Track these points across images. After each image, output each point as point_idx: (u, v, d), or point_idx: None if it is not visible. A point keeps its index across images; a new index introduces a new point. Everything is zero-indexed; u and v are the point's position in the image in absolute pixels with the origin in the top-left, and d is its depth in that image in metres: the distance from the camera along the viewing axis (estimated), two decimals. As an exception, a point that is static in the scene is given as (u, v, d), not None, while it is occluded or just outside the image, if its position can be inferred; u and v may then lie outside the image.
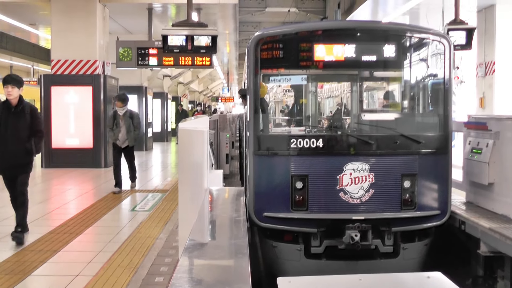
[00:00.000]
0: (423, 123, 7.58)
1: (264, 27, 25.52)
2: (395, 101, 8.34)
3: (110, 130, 10.71)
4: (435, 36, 7.09)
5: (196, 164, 4.47)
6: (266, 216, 6.66)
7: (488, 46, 14.14)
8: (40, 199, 10.03)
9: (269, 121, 7.78)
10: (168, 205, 9.08)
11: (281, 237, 6.82)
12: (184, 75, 28.41)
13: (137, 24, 17.60)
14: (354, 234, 6.46)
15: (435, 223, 6.95)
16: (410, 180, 6.77)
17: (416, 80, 7.57)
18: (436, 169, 6.93)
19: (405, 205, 6.78)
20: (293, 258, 6.77)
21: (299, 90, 8.39)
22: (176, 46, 10.81)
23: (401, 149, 6.77)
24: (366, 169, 6.62)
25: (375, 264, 6.79)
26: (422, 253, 7.00)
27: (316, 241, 6.74)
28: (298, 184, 6.65)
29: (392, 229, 6.77)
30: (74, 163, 14.21)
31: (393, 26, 8.53)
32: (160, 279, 5.14)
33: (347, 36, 6.95)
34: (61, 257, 6.06)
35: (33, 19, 17.25)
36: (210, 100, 56.02)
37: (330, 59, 6.81)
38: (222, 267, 2.31)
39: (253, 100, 6.78)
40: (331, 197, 6.63)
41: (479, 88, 14.69)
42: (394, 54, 6.95)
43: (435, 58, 7.16)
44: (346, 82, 8.77)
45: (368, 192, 6.62)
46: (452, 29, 11.68)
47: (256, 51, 6.68)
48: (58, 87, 14.38)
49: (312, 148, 6.67)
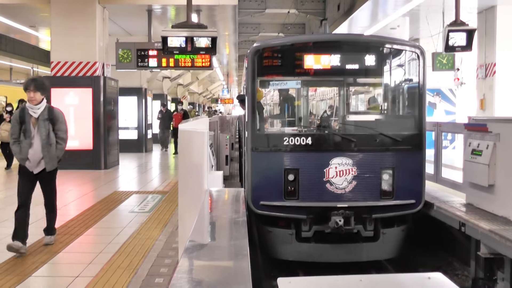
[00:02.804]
0: (400, 123, 8.44)
1: (263, 28, 25.57)
2: (376, 104, 9.28)
3: (15, 142, 6.67)
4: (410, 47, 8.21)
5: (196, 165, 4.47)
6: (262, 204, 7.62)
7: (488, 47, 14.15)
8: (40, 200, 10.01)
9: (265, 122, 8.66)
10: (168, 207, 9.08)
11: (275, 223, 7.79)
12: (184, 76, 28.44)
13: (136, 26, 17.62)
14: (338, 219, 7.34)
15: (411, 210, 7.86)
16: (388, 173, 7.73)
17: (394, 86, 8.57)
18: (411, 164, 7.86)
19: (384, 195, 7.71)
20: (286, 241, 7.72)
21: (292, 94, 9.40)
22: (176, 48, 10.80)
23: (380, 146, 7.74)
24: (349, 163, 7.59)
25: (358, 247, 7.75)
26: (399, 237, 7.95)
27: (306, 226, 7.66)
28: (290, 176, 7.61)
29: (373, 216, 7.69)
30: (74, 164, 14.18)
31: (373, 38, 10.07)
32: (160, 280, 5.14)
33: (333, 47, 7.97)
34: (61, 258, 6.06)
35: (33, 21, 17.26)
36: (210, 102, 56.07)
37: (318, 67, 7.85)
38: (222, 268, 2.31)
39: (251, 103, 7.75)
40: (319, 188, 7.57)
41: (480, 90, 14.70)
42: (374, 63, 7.98)
43: (410, 66, 8.19)
44: (332, 87, 9.68)
45: (351, 183, 7.58)
46: (453, 30, 11.68)
47: (253, 61, 7.71)
48: (58, 89, 14.36)
49: (302, 145, 7.66)
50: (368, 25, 16.73)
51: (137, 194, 10.63)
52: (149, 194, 10.54)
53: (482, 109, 14.34)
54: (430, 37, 16.74)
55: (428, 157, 8.76)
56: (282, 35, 26.24)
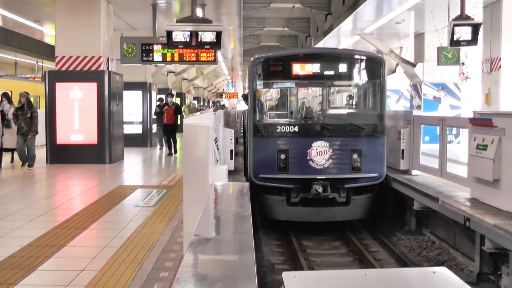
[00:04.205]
0: (366, 115, 11.06)
1: (268, 23, 25.53)
2: (348, 101, 12.48)
3: None
4: (373, 57, 10.98)
5: (201, 159, 4.47)
6: (261, 177, 10.15)
7: (494, 42, 14.07)
8: (46, 194, 10.07)
9: (263, 114, 11.31)
10: (173, 201, 9.10)
11: (271, 192, 10.22)
12: (189, 71, 28.40)
13: (141, 20, 17.61)
14: (318, 188, 9.81)
15: (374, 182, 10.34)
16: (357, 153, 10.11)
17: (362, 87, 11.43)
18: (374, 146, 10.34)
19: (354, 170, 10.13)
20: (279, 205, 10.17)
21: (284, 93, 12.37)
22: (181, 42, 10.79)
23: (351, 133, 10.17)
24: (327, 145, 10.00)
25: (334, 210, 10.14)
26: (366, 203, 10.37)
27: (294, 194, 10.08)
28: (282, 156, 10.04)
29: (345, 185, 10.12)
30: (78, 159, 14.24)
31: (345, 51, 14.17)
32: (165, 274, 5.15)
33: (314, 58, 10.59)
34: (66, 252, 6.08)
35: (38, 15, 17.27)
36: (215, 96, 56.05)
37: (303, 73, 10.46)
38: (227, 262, 2.31)
39: (252, 100, 10.43)
40: (303, 164, 9.99)
41: (485, 84, 14.62)
42: (346, 70, 10.69)
43: (374, 72, 10.76)
44: (314, 88, 12.80)
45: (328, 161, 10.01)
46: (458, 25, 11.63)
47: (254, 68, 10.43)
48: (62, 84, 14.40)
49: (291, 132, 10.16)
50: (373, 19, 16.65)
51: (141, 188, 10.65)
52: (154, 188, 10.56)
53: (487, 103, 14.27)
54: (435, 31, 16.66)
55: (433, 152, 9.50)
56: (287, 29, 26.22)
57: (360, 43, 21.33)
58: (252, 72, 10.40)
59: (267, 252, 9.37)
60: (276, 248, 9.79)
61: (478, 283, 7.44)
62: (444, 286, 1.93)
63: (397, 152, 10.79)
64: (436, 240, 9.57)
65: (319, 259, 9.08)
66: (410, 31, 18.98)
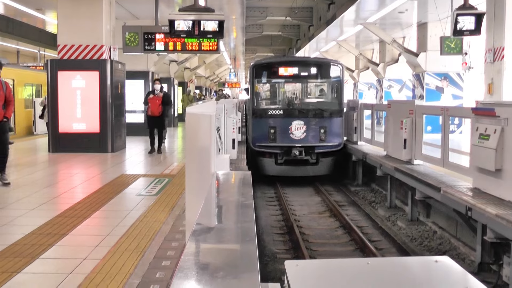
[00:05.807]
0: (330, 103, 16.26)
1: (271, 12, 25.44)
2: (319, 93, 17.56)
3: None
4: (334, 63, 16.64)
5: (203, 148, 4.47)
6: (257, 145, 15.39)
7: (497, 31, 13.98)
8: (48, 183, 10.09)
9: (259, 102, 16.43)
10: (175, 190, 9.11)
11: (264, 155, 15.43)
12: (191, 60, 28.32)
13: (143, 9, 17.53)
14: (296, 152, 15.14)
15: (336, 149, 15.48)
16: (323, 129, 15.36)
17: (328, 83, 16.98)
18: (336, 124, 15.62)
19: (321, 140, 15.34)
20: (269, 165, 15.40)
21: (274, 87, 17.52)
22: (183, 31, 10.76)
23: (319, 115, 15.66)
24: (302, 123, 15.32)
25: (307, 168, 15.35)
26: (330, 163, 15.57)
27: (280, 156, 15.27)
28: (271, 130, 15.28)
29: (315, 151, 15.29)
30: (81, 147, 14.26)
31: (315, 59, 22.85)
32: (167, 263, 5.17)
33: (294, 64, 16.68)
34: (68, 240, 6.10)
35: (40, 4, 17.22)
36: (217, 86, 55.94)
37: (287, 74, 16.28)
38: (229, 250, 2.31)
39: (251, 92, 16.08)
40: (286, 136, 15.26)
41: (488, 74, 14.54)
42: (316, 72, 16.48)
43: (335, 73, 16.35)
44: (295, 84, 17.21)
45: (303, 134, 15.30)
46: (461, 14, 11.58)
47: (253, 71, 16.18)
48: (64, 72, 14.38)
49: (278, 114, 15.64)
50: (376, 9, 16.58)
51: (144, 177, 10.66)
52: (156, 177, 10.57)
53: (490, 93, 14.21)
54: (439, 21, 16.59)
55: (435, 142, 9.54)
56: (290, 18, 26.14)
57: (363, 33, 21.25)
58: (251, 73, 16.20)
59: (269, 242, 9.40)
60: (278, 237, 9.82)
61: (480, 273, 7.46)
62: (446, 275, 1.93)
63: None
64: (437, 229, 9.58)
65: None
66: (413, 20, 18.92)
